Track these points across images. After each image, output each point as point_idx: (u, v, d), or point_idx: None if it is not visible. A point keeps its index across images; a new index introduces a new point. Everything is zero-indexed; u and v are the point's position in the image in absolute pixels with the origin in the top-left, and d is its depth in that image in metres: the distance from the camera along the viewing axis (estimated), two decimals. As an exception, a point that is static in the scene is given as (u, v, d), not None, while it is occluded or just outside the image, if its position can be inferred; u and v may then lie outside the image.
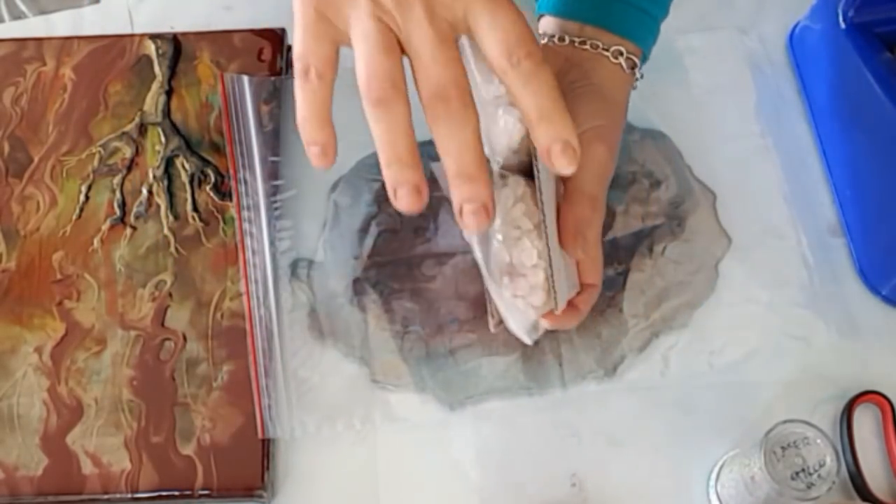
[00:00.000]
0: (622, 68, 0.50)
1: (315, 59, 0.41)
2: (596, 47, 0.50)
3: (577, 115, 0.44)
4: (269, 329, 0.56)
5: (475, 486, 0.54)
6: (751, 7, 0.70)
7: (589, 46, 0.50)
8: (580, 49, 0.50)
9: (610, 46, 0.50)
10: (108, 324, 0.57)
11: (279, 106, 0.63)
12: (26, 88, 0.64)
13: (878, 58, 0.58)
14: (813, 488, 0.46)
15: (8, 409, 0.54)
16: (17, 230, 0.59)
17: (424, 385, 0.56)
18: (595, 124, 0.48)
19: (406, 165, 0.39)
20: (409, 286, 0.58)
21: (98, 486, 0.52)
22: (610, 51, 0.50)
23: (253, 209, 0.60)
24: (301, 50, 0.41)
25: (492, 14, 0.39)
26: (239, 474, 0.52)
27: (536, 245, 0.44)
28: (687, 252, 0.60)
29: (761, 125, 0.65)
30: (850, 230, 0.61)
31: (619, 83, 0.50)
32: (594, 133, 0.47)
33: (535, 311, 0.46)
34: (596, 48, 0.50)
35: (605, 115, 0.49)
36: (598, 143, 0.47)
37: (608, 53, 0.50)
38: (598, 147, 0.47)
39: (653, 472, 0.54)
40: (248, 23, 0.68)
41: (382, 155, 0.40)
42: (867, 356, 0.57)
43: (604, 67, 0.50)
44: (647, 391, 0.56)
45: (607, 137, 0.49)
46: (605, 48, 0.50)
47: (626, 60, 0.50)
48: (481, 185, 0.39)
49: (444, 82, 0.39)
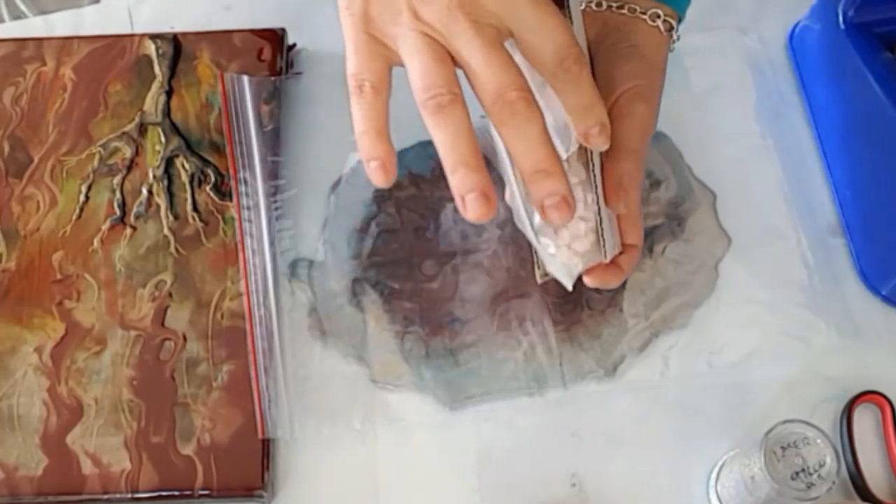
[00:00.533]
0: (660, 30, 0.51)
1: (369, 74, 0.41)
2: (633, 11, 0.51)
3: (617, 75, 0.46)
4: (269, 329, 0.56)
5: (475, 486, 0.54)
6: (751, 7, 0.70)
7: (626, 10, 0.51)
8: (618, 13, 0.51)
9: (647, 10, 0.51)
10: (108, 324, 0.57)
11: (279, 106, 0.63)
12: (26, 88, 0.64)
13: (878, 58, 0.58)
14: (813, 488, 0.46)
15: (8, 409, 0.54)
16: (17, 230, 0.59)
17: (424, 385, 0.56)
18: (635, 83, 0.49)
19: (472, 169, 0.39)
20: (409, 286, 0.58)
21: (98, 486, 0.52)
22: (647, 14, 0.51)
23: (253, 209, 0.60)
24: (355, 69, 0.41)
25: (538, 19, 0.40)
26: (239, 474, 0.52)
27: (585, 197, 0.45)
28: (687, 252, 0.60)
29: (761, 125, 0.65)
30: (850, 230, 0.61)
31: (658, 44, 0.51)
32: (634, 92, 0.48)
33: (581, 259, 0.46)
34: (633, 12, 0.51)
35: (645, 74, 0.50)
36: (638, 102, 0.48)
37: (646, 16, 0.51)
38: (638, 105, 0.48)
39: (653, 472, 0.54)
40: (248, 23, 0.67)
41: (447, 162, 0.40)
42: (867, 356, 0.57)
43: (642, 30, 0.51)
44: (647, 391, 0.56)
45: (648, 96, 0.50)
46: (642, 11, 0.51)
47: (664, 23, 0.51)
48: (559, 178, 0.40)
49: (503, 86, 0.39)
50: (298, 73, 0.67)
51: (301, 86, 0.66)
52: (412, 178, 0.62)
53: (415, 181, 0.62)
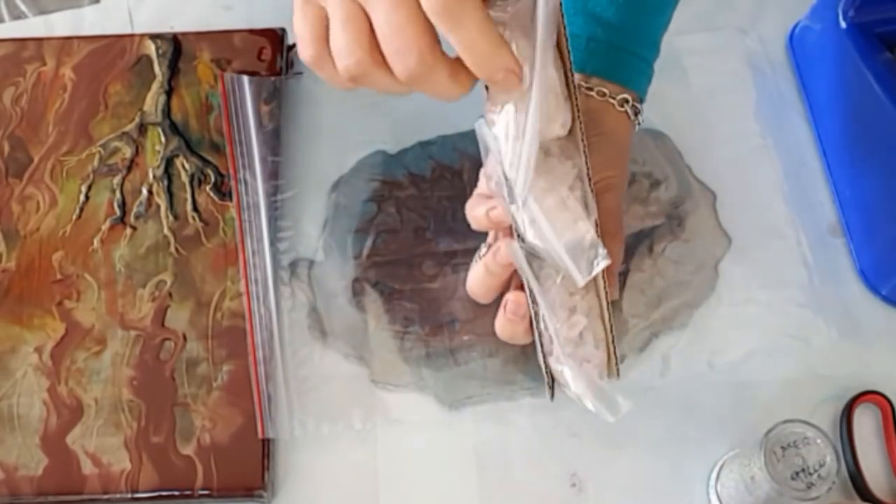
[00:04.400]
0: (628, 115, 0.52)
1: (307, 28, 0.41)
2: (603, 95, 0.51)
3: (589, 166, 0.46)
4: (269, 329, 0.56)
5: (475, 486, 0.54)
6: (751, 7, 0.70)
7: (595, 94, 0.51)
8: (588, 96, 0.51)
9: (616, 95, 0.51)
10: (108, 324, 0.57)
11: (279, 106, 0.63)
12: (26, 88, 0.64)
13: (878, 58, 0.58)
14: (813, 488, 0.46)
15: (8, 409, 0.54)
16: (17, 230, 0.60)
17: (424, 385, 0.56)
18: (606, 175, 0.49)
19: None
20: (409, 286, 0.58)
21: (98, 486, 0.52)
22: (616, 99, 0.51)
23: (253, 209, 0.60)
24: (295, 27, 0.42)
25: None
26: (239, 474, 0.52)
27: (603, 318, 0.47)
28: (687, 252, 0.60)
29: (761, 125, 0.65)
30: (850, 230, 0.61)
31: (625, 130, 0.52)
32: (605, 184, 0.49)
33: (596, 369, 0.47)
34: (603, 96, 0.51)
35: (615, 164, 0.50)
36: (608, 192, 0.49)
37: (615, 101, 0.51)
38: (608, 195, 0.49)
39: (653, 472, 0.54)
40: (247, 23, 0.68)
41: None
42: (867, 356, 0.57)
43: (611, 117, 0.51)
44: (647, 391, 0.56)
45: (617, 185, 0.50)
46: (612, 96, 0.51)
47: (631, 108, 0.52)
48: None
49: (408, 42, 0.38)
50: (298, 73, 0.67)
51: (301, 86, 0.66)
52: (412, 178, 0.62)
53: (415, 181, 0.62)
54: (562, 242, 0.44)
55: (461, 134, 0.63)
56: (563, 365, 0.46)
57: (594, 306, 0.47)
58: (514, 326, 0.49)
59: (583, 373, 0.46)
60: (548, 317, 0.46)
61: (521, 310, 0.48)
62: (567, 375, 0.46)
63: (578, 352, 0.46)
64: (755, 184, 0.63)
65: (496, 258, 0.48)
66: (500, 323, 0.49)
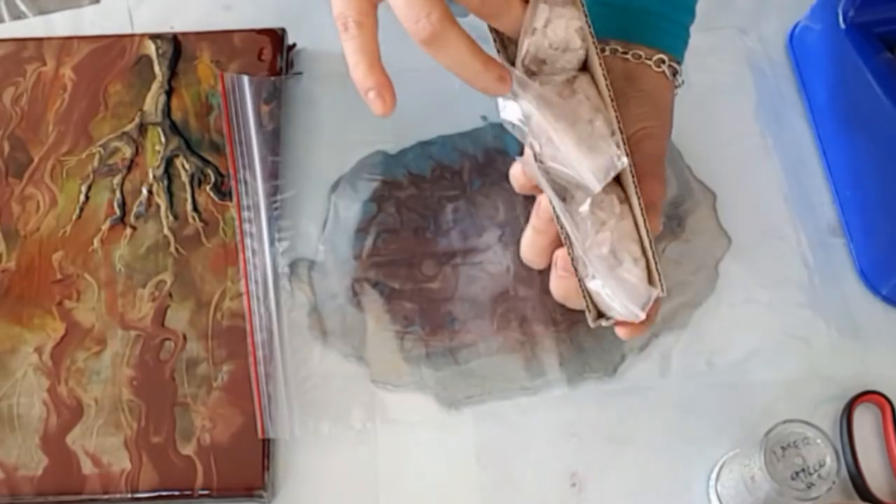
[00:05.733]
0: (665, 75, 0.52)
1: (351, 11, 0.42)
2: (638, 57, 0.52)
3: (628, 118, 0.47)
4: (269, 329, 0.56)
5: (475, 486, 0.54)
6: (751, 7, 0.70)
7: (631, 57, 0.52)
8: (624, 60, 0.52)
9: (652, 56, 0.52)
10: (108, 324, 0.57)
11: (279, 106, 0.63)
12: (26, 88, 0.64)
13: (878, 58, 0.58)
14: (813, 488, 0.46)
15: (8, 409, 0.54)
16: (17, 230, 0.59)
17: (424, 385, 0.56)
18: (646, 125, 0.50)
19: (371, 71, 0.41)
20: (409, 286, 0.58)
21: (98, 486, 0.52)
22: (652, 60, 0.52)
23: (253, 209, 0.60)
24: (338, 10, 0.42)
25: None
26: (239, 474, 0.52)
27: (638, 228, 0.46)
28: (687, 252, 0.60)
29: (761, 125, 0.65)
30: (850, 230, 0.61)
31: (665, 89, 0.53)
32: (644, 133, 0.50)
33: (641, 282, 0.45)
34: (638, 58, 0.52)
35: (654, 117, 0.51)
36: (647, 140, 0.50)
37: (651, 62, 0.52)
38: (647, 142, 0.50)
39: (653, 472, 0.54)
40: (248, 23, 0.67)
41: None
42: (867, 356, 0.57)
43: (649, 76, 0.52)
44: (647, 391, 0.56)
45: (658, 134, 0.51)
46: (647, 58, 0.52)
47: (669, 68, 0.52)
48: None
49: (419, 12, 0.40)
50: (298, 73, 0.67)
51: (301, 86, 0.66)
52: (412, 178, 0.62)
53: (415, 181, 0.62)
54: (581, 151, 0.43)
55: (461, 134, 0.63)
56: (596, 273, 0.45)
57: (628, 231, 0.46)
58: (567, 283, 0.48)
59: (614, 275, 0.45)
60: (572, 232, 0.45)
61: (571, 265, 0.47)
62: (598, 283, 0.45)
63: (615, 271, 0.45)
64: (755, 184, 0.63)
65: (538, 213, 0.48)
66: (554, 282, 0.49)
